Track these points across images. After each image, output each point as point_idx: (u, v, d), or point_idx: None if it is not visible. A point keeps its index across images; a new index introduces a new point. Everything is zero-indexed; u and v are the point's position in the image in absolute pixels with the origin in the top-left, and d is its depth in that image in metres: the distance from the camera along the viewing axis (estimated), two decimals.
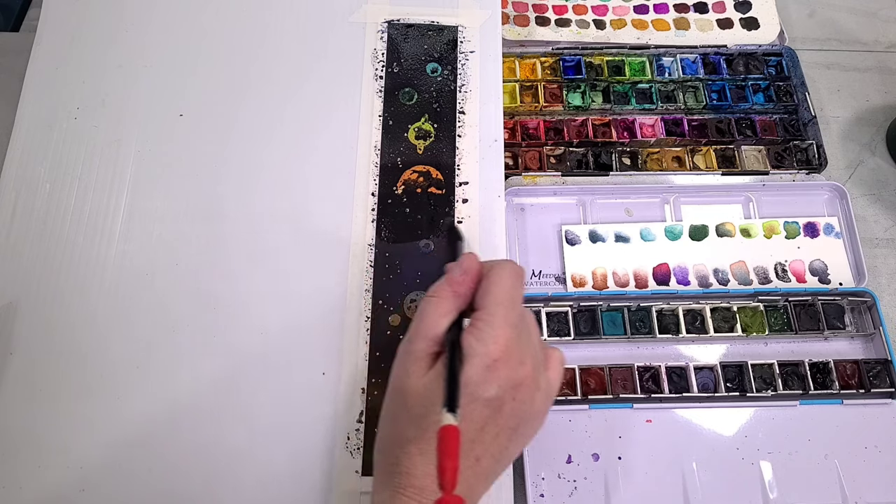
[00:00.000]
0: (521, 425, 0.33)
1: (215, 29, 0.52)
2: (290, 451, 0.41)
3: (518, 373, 0.32)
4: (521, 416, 0.33)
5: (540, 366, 0.34)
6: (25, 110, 0.49)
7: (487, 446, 0.32)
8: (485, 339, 0.32)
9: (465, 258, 0.36)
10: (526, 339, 0.34)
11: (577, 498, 0.44)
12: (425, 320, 0.34)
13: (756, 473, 0.45)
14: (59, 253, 0.45)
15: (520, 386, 0.33)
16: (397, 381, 0.34)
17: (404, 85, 0.51)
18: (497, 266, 0.35)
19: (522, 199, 0.54)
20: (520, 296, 0.35)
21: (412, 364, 0.33)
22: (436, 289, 0.35)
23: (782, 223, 0.53)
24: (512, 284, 0.34)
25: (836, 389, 0.47)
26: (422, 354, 0.33)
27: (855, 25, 0.64)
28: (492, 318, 0.33)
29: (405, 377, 0.33)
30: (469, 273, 0.35)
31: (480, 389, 0.31)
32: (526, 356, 0.33)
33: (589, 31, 0.60)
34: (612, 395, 0.46)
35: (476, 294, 0.35)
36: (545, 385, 0.35)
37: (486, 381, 0.32)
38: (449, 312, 0.34)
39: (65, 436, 0.41)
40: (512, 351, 0.32)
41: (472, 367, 0.32)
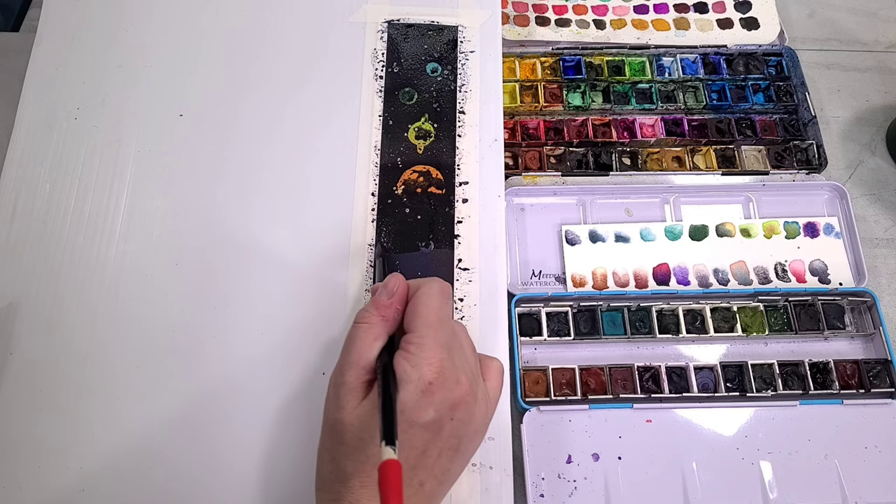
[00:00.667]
0: (462, 444, 0.33)
1: (215, 29, 0.52)
2: (290, 450, 0.41)
3: (454, 392, 0.32)
4: (461, 434, 0.33)
5: (476, 379, 0.34)
6: (25, 110, 0.49)
7: (430, 470, 0.32)
8: (418, 362, 0.32)
9: (390, 280, 0.36)
10: (459, 356, 0.34)
11: (577, 498, 0.44)
12: (355, 348, 0.34)
13: (756, 473, 0.45)
14: (59, 253, 0.45)
15: (457, 405, 0.32)
16: (331, 414, 0.34)
17: (404, 85, 0.51)
18: (424, 286, 0.35)
19: (522, 199, 0.54)
20: (449, 313, 0.35)
21: (345, 396, 0.33)
22: (363, 315, 0.35)
23: (782, 223, 0.53)
24: (439, 303, 0.34)
25: (836, 389, 0.47)
26: (354, 384, 0.33)
27: (855, 25, 0.64)
28: (423, 341, 0.32)
29: (338, 410, 0.33)
30: (395, 295, 0.35)
31: (417, 414, 0.31)
32: (461, 374, 0.33)
33: (589, 31, 0.60)
34: (612, 395, 0.46)
35: (404, 315, 0.35)
36: (483, 397, 0.34)
37: (423, 406, 0.31)
38: (378, 338, 0.34)
39: (64, 436, 0.41)
40: (446, 371, 0.32)
41: (407, 392, 0.31)
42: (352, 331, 0.35)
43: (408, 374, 0.32)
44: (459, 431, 0.33)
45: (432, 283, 0.36)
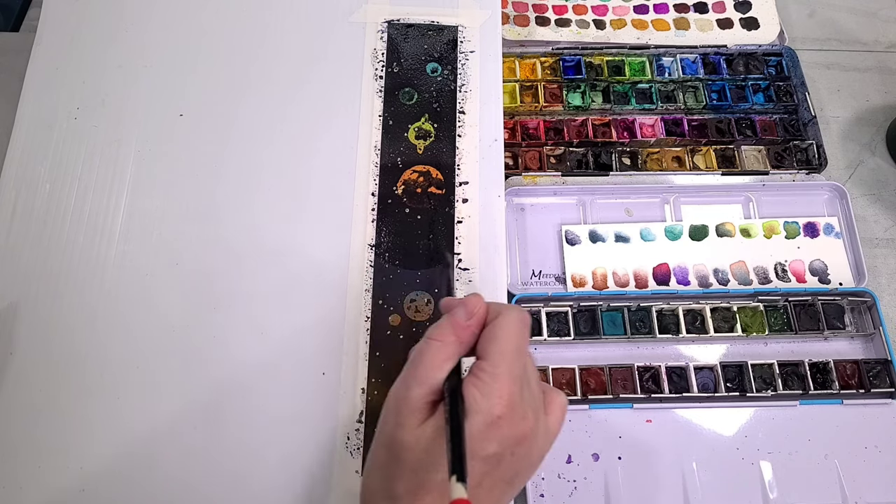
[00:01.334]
0: (518, 478, 0.32)
1: (215, 29, 0.52)
2: (290, 451, 0.41)
3: (520, 428, 0.31)
4: (518, 469, 0.32)
5: (540, 415, 0.33)
6: (25, 110, 0.49)
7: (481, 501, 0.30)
8: (489, 393, 0.30)
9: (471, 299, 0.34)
10: (528, 390, 0.32)
11: (577, 498, 0.44)
12: (424, 365, 0.32)
13: (756, 473, 0.45)
14: (59, 253, 0.45)
15: (521, 441, 0.31)
16: (389, 430, 0.32)
17: (404, 85, 0.51)
18: (504, 313, 0.33)
19: (522, 199, 0.54)
20: (525, 345, 0.33)
21: (408, 414, 0.31)
22: (438, 332, 0.33)
23: (782, 223, 0.53)
24: (518, 333, 0.33)
25: (836, 389, 0.47)
26: (418, 403, 0.31)
27: (855, 25, 0.64)
28: (496, 371, 0.31)
29: (399, 428, 0.31)
30: (475, 317, 0.33)
31: (481, 447, 0.30)
32: (528, 410, 0.32)
33: (589, 31, 0.60)
34: (612, 395, 0.46)
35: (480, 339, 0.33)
36: (544, 432, 0.33)
37: (487, 439, 0.30)
38: (450, 359, 0.32)
39: (64, 436, 0.41)
40: (516, 406, 0.31)
41: (474, 423, 0.30)
42: (423, 346, 0.33)
43: (477, 404, 0.30)
44: (517, 466, 0.32)
45: (513, 311, 0.34)
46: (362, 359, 0.43)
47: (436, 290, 0.44)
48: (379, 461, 0.32)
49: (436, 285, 0.43)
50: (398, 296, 0.45)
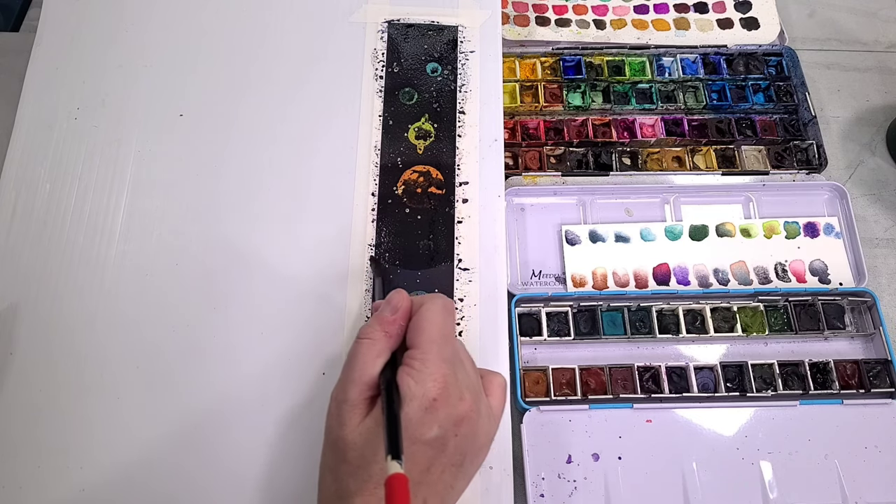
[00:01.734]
0: (466, 460, 0.33)
1: (215, 29, 0.52)
2: (290, 451, 0.41)
3: (458, 409, 0.32)
4: (466, 450, 0.33)
5: (479, 394, 0.34)
6: (25, 110, 0.49)
7: (433, 486, 0.31)
8: (422, 378, 0.32)
9: (393, 296, 0.35)
10: (462, 372, 0.33)
11: (577, 498, 0.44)
12: (358, 364, 0.33)
13: (756, 473, 0.45)
14: (59, 253, 0.45)
15: (461, 421, 0.32)
16: (333, 431, 0.33)
17: (404, 85, 0.51)
18: (428, 302, 0.35)
19: (522, 199, 0.54)
20: (452, 330, 0.35)
21: (347, 413, 0.32)
22: (366, 330, 0.35)
23: (782, 223, 0.53)
24: (443, 319, 0.34)
25: (836, 389, 0.47)
26: (356, 401, 0.33)
27: (855, 25, 0.64)
28: (426, 357, 0.32)
29: (341, 427, 0.32)
30: (399, 311, 0.35)
31: (421, 431, 0.31)
32: (464, 390, 0.33)
33: (589, 31, 0.60)
34: (612, 395, 0.46)
35: (407, 332, 0.34)
36: (487, 412, 0.34)
37: (427, 422, 0.31)
38: (381, 354, 0.34)
39: (64, 436, 0.41)
40: (450, 388, 0.32)
41: (411, 408, 0.31)
42: (354, 346, 0.34)
43: (411, 390, 0.31)
44: (464, 448, 0.32)
45: (436, 299, 0.35)
46: None
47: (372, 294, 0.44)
48: (328, 463, 0.33)
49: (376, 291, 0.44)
50: None
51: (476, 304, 0.44)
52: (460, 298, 0.45)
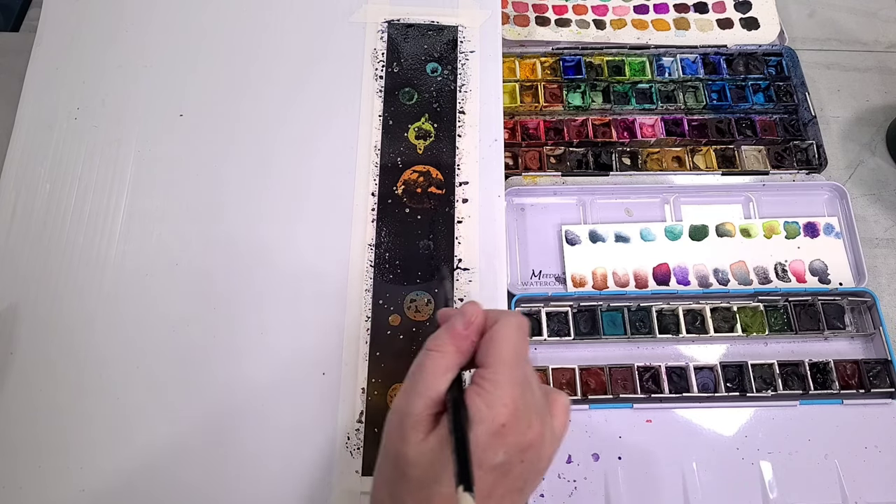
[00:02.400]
0: (528, 485, 0.32)
1: (215, 29, 0.52)
2: (290, 450, 0.41)
3: (526, 436, 0.31)
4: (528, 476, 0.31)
5: (546, 419, 0.32)
6: (25, 110, 0.49)
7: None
8: (492, 402, 0.30)
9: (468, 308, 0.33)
10: (531, 395, 0.32)
11: (577, 498, 0.44)
12: (425, 378, 0.31)
13: (756, 473, 0.45)
14: (59, 253, 0.45)
15: (528, 448, 0.31)
16: (393, 445, 0.31)
17: (404, 85, 0.51)
18: (502, 319, 0.33)
19: (522, 199, 0.54)
20: (525, 351, 0.33)
21: (410, 428, 0.31)
22: (437, 342, 0.33)
23: (782, 223, 0.53)
24: (517, 340, 0.32)
25: (836, 389, 0.47)
26: (421, 416, 0.31)
27: (855, 25, 0.64)
28: (498, 378, 0.31)
29: (402, 442, 0.31)
30: (472, 326, 0.33)
31: (487, 456, 0.30)
32: (533, 416, 0.31)
33: (589, 31, 0.60)
34: (612, 395, 0.46)
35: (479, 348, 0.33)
36: (551, 437, 0.33)
37: (494, 447, 0.30)
38: (450, 369, 0.32)
39: (64, 436, 0.41)
40: (520, 413, 0.30)
41: (480, 432, 0.30)
42: (422, 358, 0.32)
43: (481, 413, 0.30)
44: (526, 474, 0.31)
45: (510, 317, 0.33)
46: (362, 359, 0.43)
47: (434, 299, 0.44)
48: (385, 476, 0.32)
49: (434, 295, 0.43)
50: (398, 296, 0.45)
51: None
52: (460, 298, 0.45)
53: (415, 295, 0.45)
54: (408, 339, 0.44)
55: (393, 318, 0.44)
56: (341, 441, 0.41)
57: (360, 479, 0.40)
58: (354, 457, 0.41)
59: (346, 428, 0.42)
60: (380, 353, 0.43)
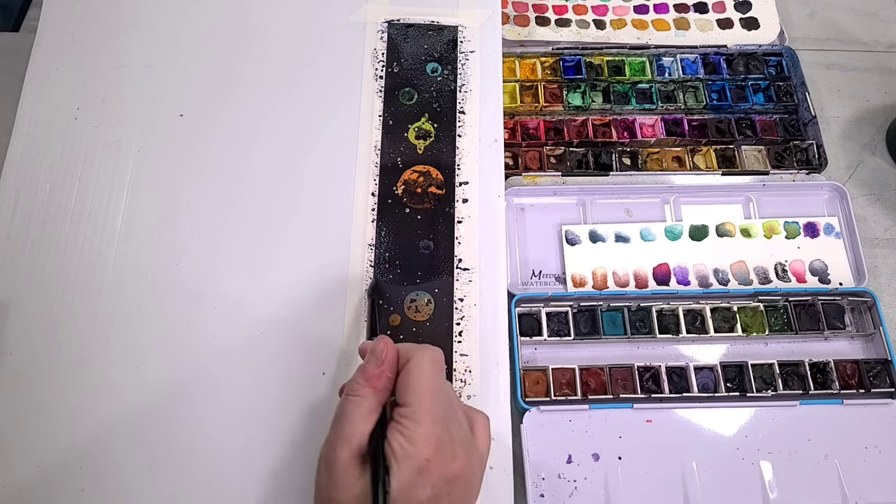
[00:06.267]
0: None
1: (215, 29, 0.52)
2: (290, 450, 0.41)
3: (451, 468, 0.31)
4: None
5: (470, 447, 0.33)
6: (25, 110, 0.49)
7: None
8: (414, 439, 0.31)
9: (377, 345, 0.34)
10: (454, 426, 0.33)
11: (577, 498, 0.44)
12: (347, 423, 0.32)
13: (756, 473, 0.45)
14: (59, 253, 0.45)
15: (455, 480, 0.31)
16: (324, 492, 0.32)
17: (404, 85, 0.51)
18: (416, 356, 0.34)
19: (522, 199, 0.54)
20: (442, 383, 0.34)
21: (339, 475, 0.31)
22: (354, 387, 0.33)
23: (782, 223, 0.53)
24: (433, 374, 0.33)
25: (836, 389, 0.47)
26: (348, 462, 0.32)
27: (855, 25, 0.64)
28: (417, 416, 0.31)
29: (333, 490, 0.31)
30: (385, 363, 0.34)
31: (415, 492, 0.30)
32: (457, 447, 0.32)
33: (589, 31, 0.60)
34: (612, 395, 0.46)
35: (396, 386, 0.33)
36: (478, 462, 0.33)
37: (420, 484, 0.30)
38: (372, 412, 0.33)
39: (65, 436, 0.41)
40: (443, 446, 0.31)
41: (404, 470, 0.30)
42: (343, 404, 0.33)
43: (404, 451, 0.31)
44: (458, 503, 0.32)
45: (423, 352, 0.34)
46: None
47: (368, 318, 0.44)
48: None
49: (434, 295, 0.44)
50: (398, 296, 0.45)
51: (476, 304, 0.44)
52: (460, 298, 0.45)
53: (415, 295, 0.45)
54: (408, 339, 0.44)
55: (393, 318, 0.44)
56: None
57: None
58: None
59: None
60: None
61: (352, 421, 0.32)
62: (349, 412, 0.33)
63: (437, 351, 0.35)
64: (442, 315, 0.44)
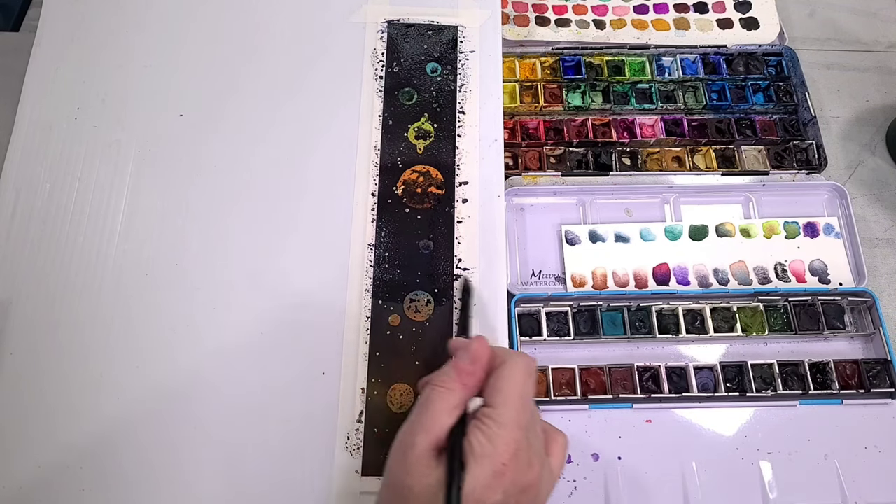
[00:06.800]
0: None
1: (215, 29, 0.52)
2: (290, 450, 0.41)
3: (525, 477, 0.31)
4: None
5: (544, 460, 0.33)
6: (25, 110, 0.49)
7: None
8: (494, 440, 0.30)
9: (474, 344, 0.34)
10: (534, 437, 0.32)
11: (577, 498, 0.44)
12: (430, 413, 0.32)
13: (756, 473, 0.45)
14: (59, 253, 0.45)
15: (527, 489, 0.31)
16: (396, 477, 0.32)
17: (404, 85, 0.51)
18: (510, 360, 0.33)
19: (522, 199, 0.54)
20: (531, 393, 0.33)
21: (414, 462, 0.31)
22: (444, 378, 0.33)
23: (782, 223, 0.53)
24: (524, 382, 0.33)
25: (835, 389, 0.47)
26: (424, 451, 0.31)
27: (855, 25, 0.64)
28: (502, 419, 0.31)
29: (405, 475, 0.31)
30: (479, 362, 0.33)
31: (486, 495, 0.30)
32: (533, 457, 0.32)
33: (589, 31, 0.60)
34: (612, 395, 0.46)
35: (485, 386, 0.33)
36: (549, 477, 0.33)
37: (493, 487, 0.30)
38: (456, 407, 0.32)
39: (65, 436, 0.41)
40: (521, 454, 0.31)
41: (480, 469, 0.30)
42: (429, 392, 0.33)
43: (483, 449, 0.30)
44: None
45: (518, 358, 0.34)
46: (362, 359, 0.43)
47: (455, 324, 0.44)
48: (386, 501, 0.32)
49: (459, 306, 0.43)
50: (398, 296, 0.45)
51: (476, 304, 0.44)
52: (460, 299, 0.45)
53: (415, 295, 0.45)
54: (408, 339, 0.44)
55: (393, 318, 0.44)
56: (341, 441, 0.41)
57: (360, 480, 0.41)
58: (354, 457, 0.41)
59: (346, 428, 0.42)
60: (379, 353, 0.43)
61: (436, 411, 0.32)
62: (434, 402, 0.32)
63: (532, 360, 0.34)
64: (442, 315, 0.44)
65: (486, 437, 0.31)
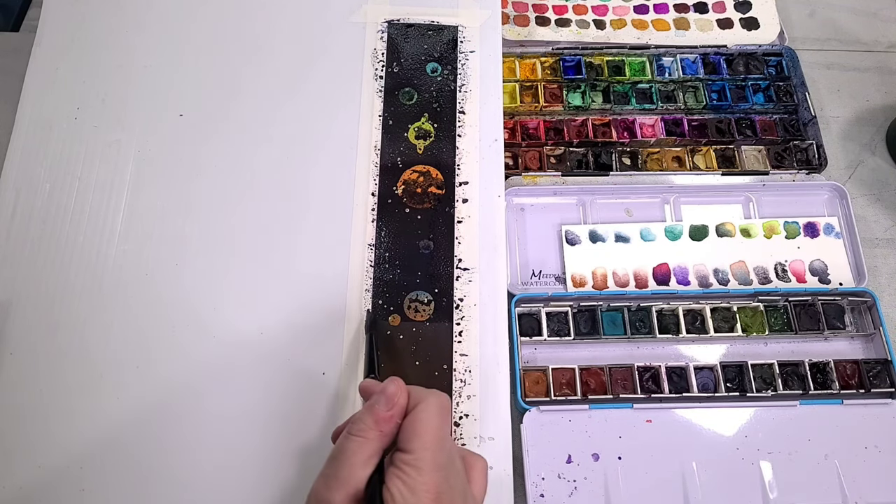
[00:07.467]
0: None
1: (215, 29, 0.52)
2: (290, 450, 0.41)
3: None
4: None
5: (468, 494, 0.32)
6: (25, 110, 0.49)
7: None
8: (415, 488, 0.30)
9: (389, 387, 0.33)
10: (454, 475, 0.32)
11: (577, 498, 0.44)
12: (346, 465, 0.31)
13: (756, 473, 0.45)
14: (59, 253, 0.45)
15: None
16: None
17: (404, 85, 0.51)
18: (423, 402, 0.33)
19: (522, 199, 0.54)
20: (447, 432, 0.33)
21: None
22: (359, 427, 0.32)
23: (782, 223, 0.53)
24: (440, 422, 0.32)
25: (836, 389, 0.47)
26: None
27: (855, 25, 0.64)
28: (420, 464, 0.30)
29: None
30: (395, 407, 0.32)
31: None
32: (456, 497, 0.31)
33: (589, 31, 0.60)
34: (612, 395, 0.46)
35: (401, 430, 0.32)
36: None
37: None
38: (374, 456, 0.31)
39: (64, 435, 0.41)
40: (443, 497, 0.30)
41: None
42: (344, 443, 0.32)
43: (405, 500, 0.30)
44: None
45: (432, 398, 0.33)
46: (362, 359, 0.43)
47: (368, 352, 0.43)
48: None
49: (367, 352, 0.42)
50: (398, 296, 0.45)
51: (476, 304, 0.44)
52: (460, 298, 0.45)
53: (415, 295, 0.45)
54: (408, 339, 0.44)
55: (393, 318, 0.44)
56: None
57: None
58: None
59: None
60: (380, 353, 0.43)
61: (353, 464, 0.31)
62: (351, 453, 0.31)
63: (445, 397, 0.34)
64: (442, 315, 0.44)
65: (406, 487, 0.30)
